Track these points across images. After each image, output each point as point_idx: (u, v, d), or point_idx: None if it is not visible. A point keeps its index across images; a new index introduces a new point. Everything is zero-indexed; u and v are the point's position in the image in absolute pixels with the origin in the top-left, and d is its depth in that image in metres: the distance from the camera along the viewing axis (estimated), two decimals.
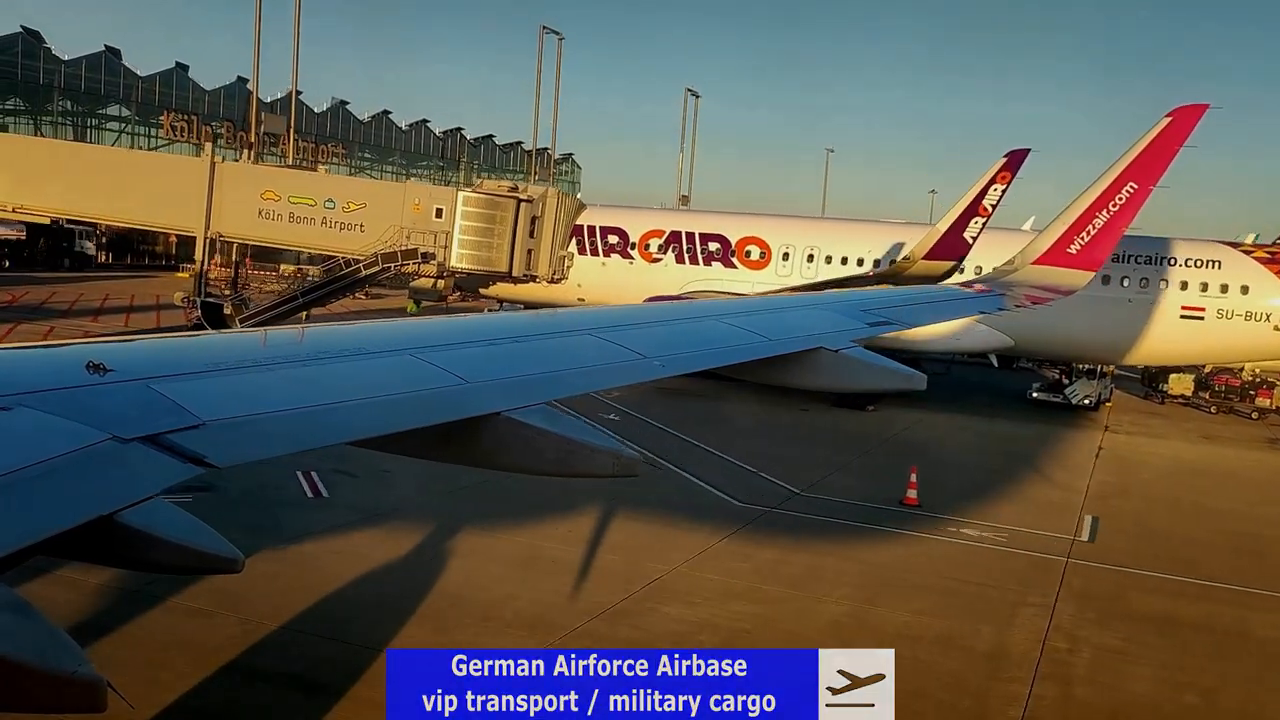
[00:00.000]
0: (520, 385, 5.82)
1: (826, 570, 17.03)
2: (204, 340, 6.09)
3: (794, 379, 8.33)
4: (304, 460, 19.35)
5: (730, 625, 14.19)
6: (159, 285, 59.49)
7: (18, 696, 2.90)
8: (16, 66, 75.90)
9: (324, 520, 17.61)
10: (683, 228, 41.88)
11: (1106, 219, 26.40)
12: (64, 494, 3.49)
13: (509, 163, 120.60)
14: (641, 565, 16.25)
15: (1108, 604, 16.41)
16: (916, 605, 15.55)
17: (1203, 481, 27.41)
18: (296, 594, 14.02)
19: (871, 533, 19.38)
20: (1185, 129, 28.08)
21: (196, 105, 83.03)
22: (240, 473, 17.15)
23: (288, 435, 4.60)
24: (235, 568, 3.87)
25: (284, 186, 39.37)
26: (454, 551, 16.54)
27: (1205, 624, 15.89)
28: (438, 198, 38.43)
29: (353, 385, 5.32)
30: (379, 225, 37.79)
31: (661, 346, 7.25)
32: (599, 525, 18.14)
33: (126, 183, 39.78)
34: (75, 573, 14.29)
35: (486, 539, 17.29)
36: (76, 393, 4.16)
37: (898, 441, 29.62)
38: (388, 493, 19.23)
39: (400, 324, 7.29)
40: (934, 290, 31.36)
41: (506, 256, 37.18)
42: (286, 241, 41.96)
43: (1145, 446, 31.54)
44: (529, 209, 37.19)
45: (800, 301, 14.08)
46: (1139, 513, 23.01)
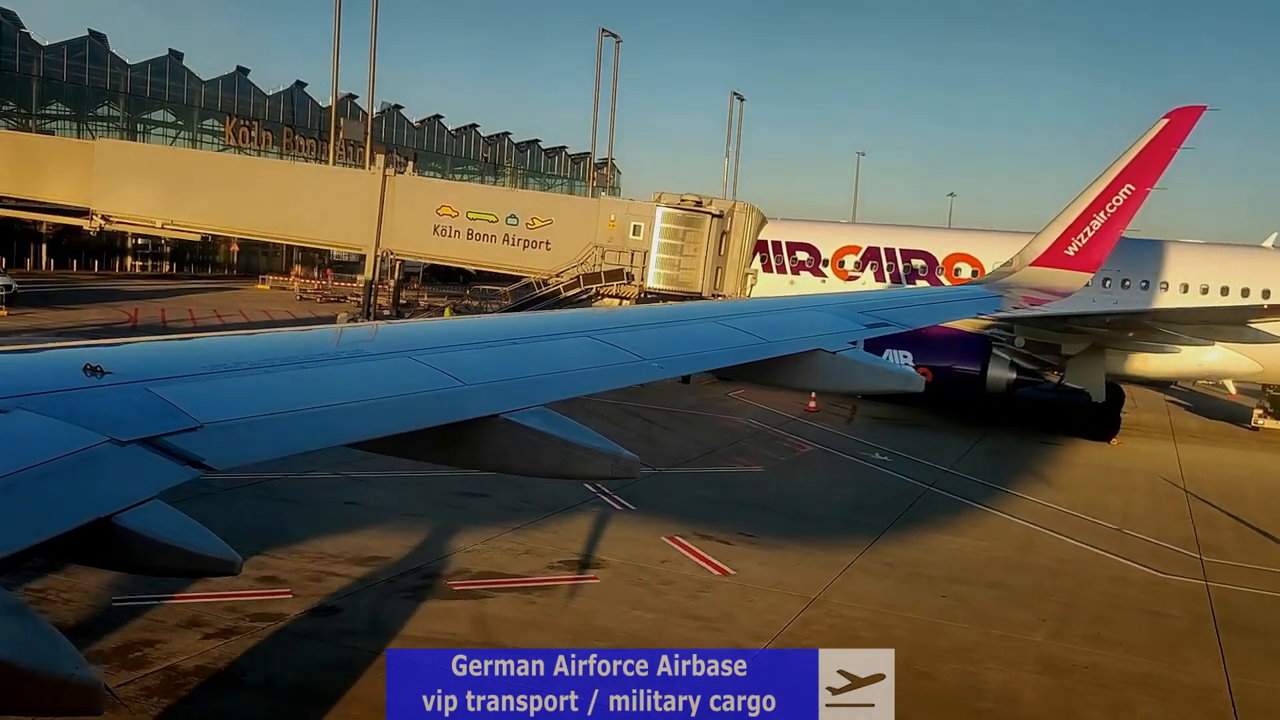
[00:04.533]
0: (518, 387, 5.78)
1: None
2: (202, 343, 6.01)
3: (792, 381, 8.35)
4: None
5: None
6: (244, 299, 57.95)
7: (14, 699, 2.88)
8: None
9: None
10: (881, 243, 39.75)
11: (1104, 220, 26.43)
12: (61, 496, 3.48)
13: (553, 168, 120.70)
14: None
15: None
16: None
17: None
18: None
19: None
20: (1183, 130, 28.12)
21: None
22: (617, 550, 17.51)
23: (286, 437, 4.59)
24: (233, 570, 3.84)
25: (462, 201, 38.01)
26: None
27: None
28: (635, 213, 36.55)
29: (351, 387, 5.29)
30: (568, 243, 36.11)
31: (659, 348, 7.23)
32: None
33: (286, 197, 38.51)
34: (73, 575, 14.39)
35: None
36: (74, 395, 4.14)
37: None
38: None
39: (398, 326, 7.42)
40: (932, 291, 31.61)
41: (701, 276, 35.64)
42: (464, 260, 40.33)
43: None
44: (718, 224, 35.87)
45: (798, 303, 14.15)
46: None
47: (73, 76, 75.01)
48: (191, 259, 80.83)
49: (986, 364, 32.60)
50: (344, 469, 21.40)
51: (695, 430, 30.20)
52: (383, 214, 37.60)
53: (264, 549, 16.74)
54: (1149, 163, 27.60)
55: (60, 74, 74.10)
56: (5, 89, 71.44)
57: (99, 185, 38.89)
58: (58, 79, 74.18)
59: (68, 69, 74.33)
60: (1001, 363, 32.81)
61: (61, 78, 74.32)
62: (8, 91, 71.73)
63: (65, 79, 74.59)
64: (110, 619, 13.64)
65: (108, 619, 13.64)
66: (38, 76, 72.77)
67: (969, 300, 16.40)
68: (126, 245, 75.56)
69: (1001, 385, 32.88)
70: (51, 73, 73.60)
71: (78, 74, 75.26)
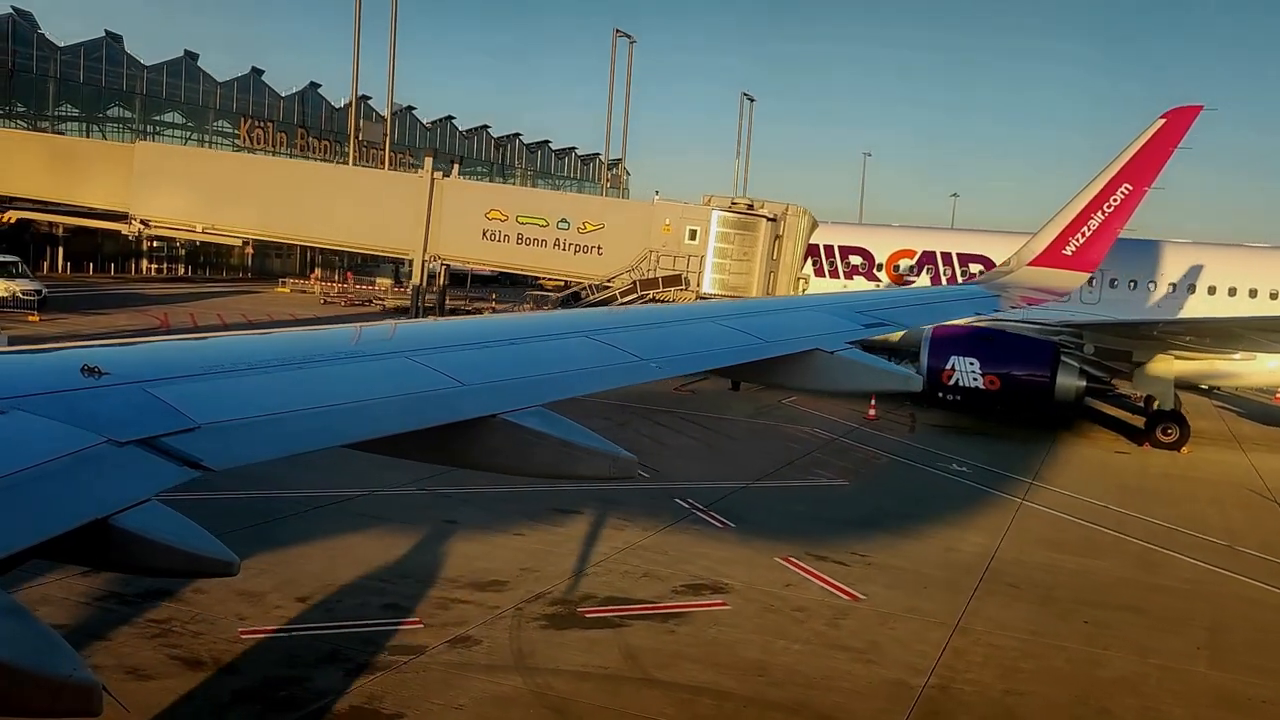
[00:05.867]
0: (516, 387, 5.77)
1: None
2: (199, 343, 5.97)
3: (790, 380, 8.37)
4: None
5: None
6: (268, 302, 56.82)
7: (13, 701, 2.88)
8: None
9: None
10: (938, 247, 38.93)
11: (1101, 220, 25.93)
12: (59, 498, 3.47)
13: (563, 169, 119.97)
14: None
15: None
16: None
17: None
18: None
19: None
20: (1179, 130, 27.68)
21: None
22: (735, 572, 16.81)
23: (284, 438, 4.56)
24: (230, 571, 3.78)
25: (512, 205, 37.23)
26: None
27: None
28: (690, 217, 35.70)
29: (348, 388, 5.29)
30: (621, 248, 35.30)
31: (657, 349, 7.21)
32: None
33: (331, 201, 37.61)
34: (71, 576, 14.03)
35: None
36: (72, 396, 4.14)
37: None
38: None
39: (395, 326, 7.17)
40: (930, 291, 31.00)
41: (756, 280, 34.96)
42: (512, 265, 39.56)
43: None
44: (772, 228, 35.19)
45: (796, 303, 13.95)
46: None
47: (89, 78, 74.04)
48: (205, 261, 79.89)
49: (1055, 371, 31.91)
50: (429, 484, 20.67)
51: (764, 441, 29.53)
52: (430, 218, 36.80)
53: (375, 573, 16.05)
54: (1146, 162, 27.19)
55: (76, 75, 73.15)
56: (22, 90, 70.48)
57: (138, 189, 38.11)
58: (74, 80, 73.23)
59: (84, 70, 73.40)
60: (1070, 370, 32.13)
61: (78, 79, 73.36)
62: (24, 92, 70.76)
63: (81, 80, 73.65)
64: (244, 651, 12.93)
65: (239, 651, 12.94)
66: (54, 77, 71.83)
67: (967, 300, 16.17)
68: (141, 248, 74.63)
69: (1071, 393, 32.22)
70: (68, 74, 72.65)
71: (94, 75, 74.27)
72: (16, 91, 70.05)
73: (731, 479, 24.26)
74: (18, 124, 69.11)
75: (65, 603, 13.74)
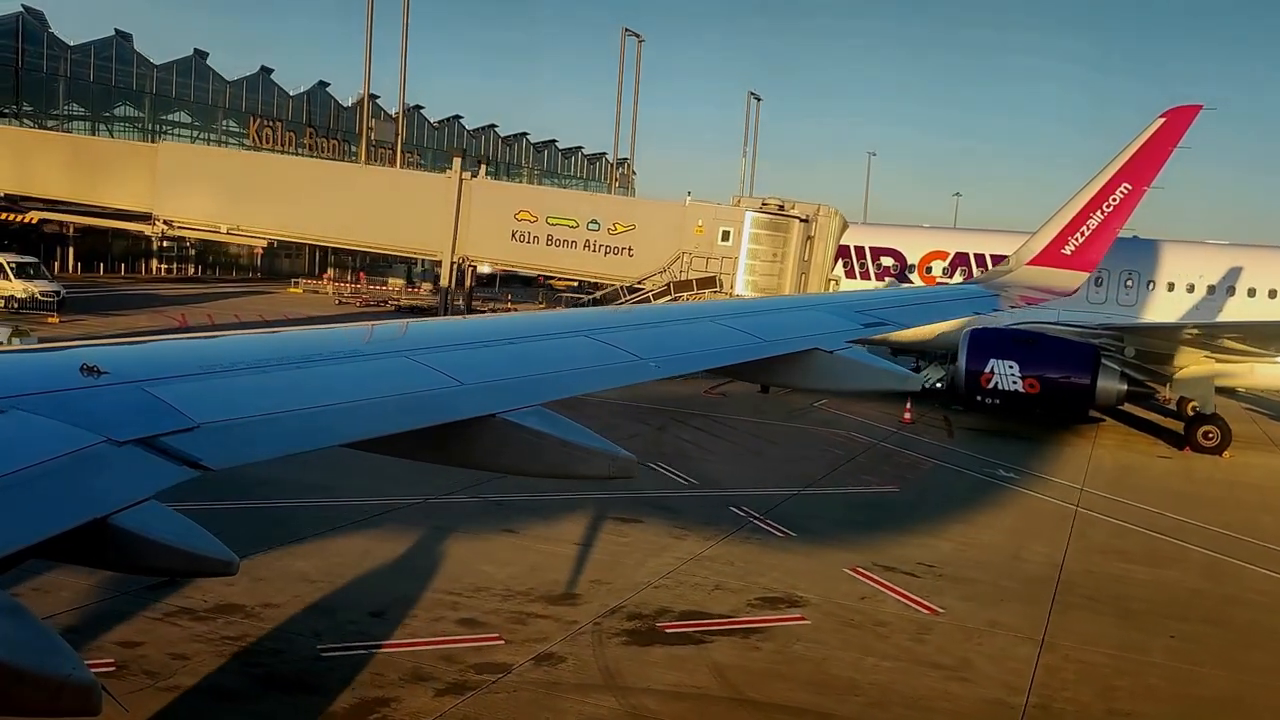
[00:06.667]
0: (515, 387, 5.74)
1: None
2: (198, 343, 5.92)
3: (789, 380, 8.33)
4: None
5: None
6: (282, 303, 56.17)
7: (12, 700, 2.88)
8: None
9: None
10: (971, 248, 38.24)
11: (1101, 220, 25.63)
12: (58, 497, 3.46)
13: (569, 168, 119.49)
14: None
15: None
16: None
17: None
18: None
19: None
20: (1179, 130, 27.38)
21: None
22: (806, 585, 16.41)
23: (282, 438, 4.53)
24: (230, 570, 3.74)
25: (542, 206, 36.88)
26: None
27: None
28: (724, 218, 35.37)
29: (348, 388, 5.25)
30: (652, 249, 34.92)
31: (656, 348, 7.16)
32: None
33: (357, 201, 37.20)
34: (70, 576, 13.74)
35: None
36: (71, 395, 4.12)
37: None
38: None
39: (395, 326, 7.11)
40: (929, 290, 30.67)
41: (789, 282, 34.62)
42: (541, 266, 39.33)
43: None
44: (804, 229, 34.83)
45: (795, 303, 13.75)
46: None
47: (99, 76, 73.52)
48: (214, 262, 79.36)
49: (1096, 375, 31.53)
50: (482, 491, 20.29)
51: (803, 446, 29.17)
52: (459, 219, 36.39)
53: (445, 586, 15.67)
54: (1146, 162, 26.85)
55: (86, 74, 72.65)
56: (32, 89, 69.98)
57: (162, 189, 37.69)
58: (84, 79, 72.72)
59: (94, 69, 72.90)
60: (1112, 374, 31.76)
61: (87, 78, 72.86)
62: (34, 91, 70.25)
63: (91, 79, 73.15)
64: (326, 670, 12.55)
65: (321, 670, 12.56)
66: (64, 76, 71.32)
67: (965, 300, 15.99)
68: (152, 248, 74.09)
69: (1112, 398, 31.86)
70: (78, 73, 72.14)
71: (103, 74, 73.73)
72: (26, 90, 69.55)
73: (781, 485, 23.91)
74: (25, 123, 68.59)
75: (81, 610, 13.38)
